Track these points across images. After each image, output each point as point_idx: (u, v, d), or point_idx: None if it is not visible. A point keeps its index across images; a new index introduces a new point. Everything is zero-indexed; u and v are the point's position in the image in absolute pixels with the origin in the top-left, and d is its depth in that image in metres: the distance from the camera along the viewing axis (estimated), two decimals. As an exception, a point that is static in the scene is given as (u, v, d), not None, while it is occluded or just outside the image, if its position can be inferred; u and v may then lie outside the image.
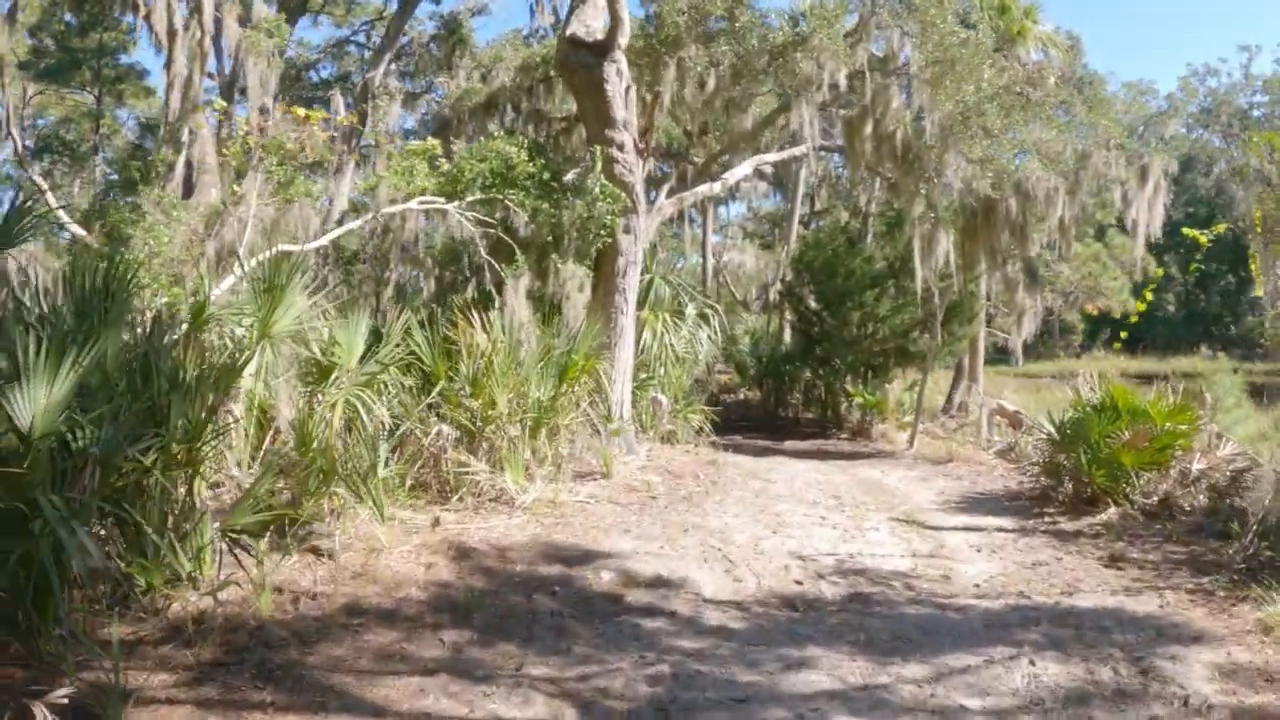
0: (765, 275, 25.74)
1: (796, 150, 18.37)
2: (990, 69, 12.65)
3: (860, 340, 17.64)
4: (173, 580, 5.31)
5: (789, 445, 16.57)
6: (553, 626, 5.11)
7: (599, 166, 9.88)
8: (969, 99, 12.05)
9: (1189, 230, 7.40)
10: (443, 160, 10.67)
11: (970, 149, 12.39)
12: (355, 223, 10.14)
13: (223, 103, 12.44)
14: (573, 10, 10.63)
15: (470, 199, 10.23)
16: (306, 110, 10.20)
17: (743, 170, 17.50)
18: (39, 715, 3.66)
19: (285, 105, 13.64)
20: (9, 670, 4.20)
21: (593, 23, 10.38)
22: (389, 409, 8.27)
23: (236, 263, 9.17)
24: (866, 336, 17.75)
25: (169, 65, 17.14)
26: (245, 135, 9.85)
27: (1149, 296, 7.89)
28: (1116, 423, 9.46)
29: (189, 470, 5.98)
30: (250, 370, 7.71)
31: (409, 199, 10.09)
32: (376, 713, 4.10)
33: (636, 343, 11.27)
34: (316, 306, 9.33)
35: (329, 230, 12.02)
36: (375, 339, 8.46)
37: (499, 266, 9.84)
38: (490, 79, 22.30)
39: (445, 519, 7.51)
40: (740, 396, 25.33)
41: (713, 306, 12.85)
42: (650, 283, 11.96)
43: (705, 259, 24.56)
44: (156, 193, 10.81)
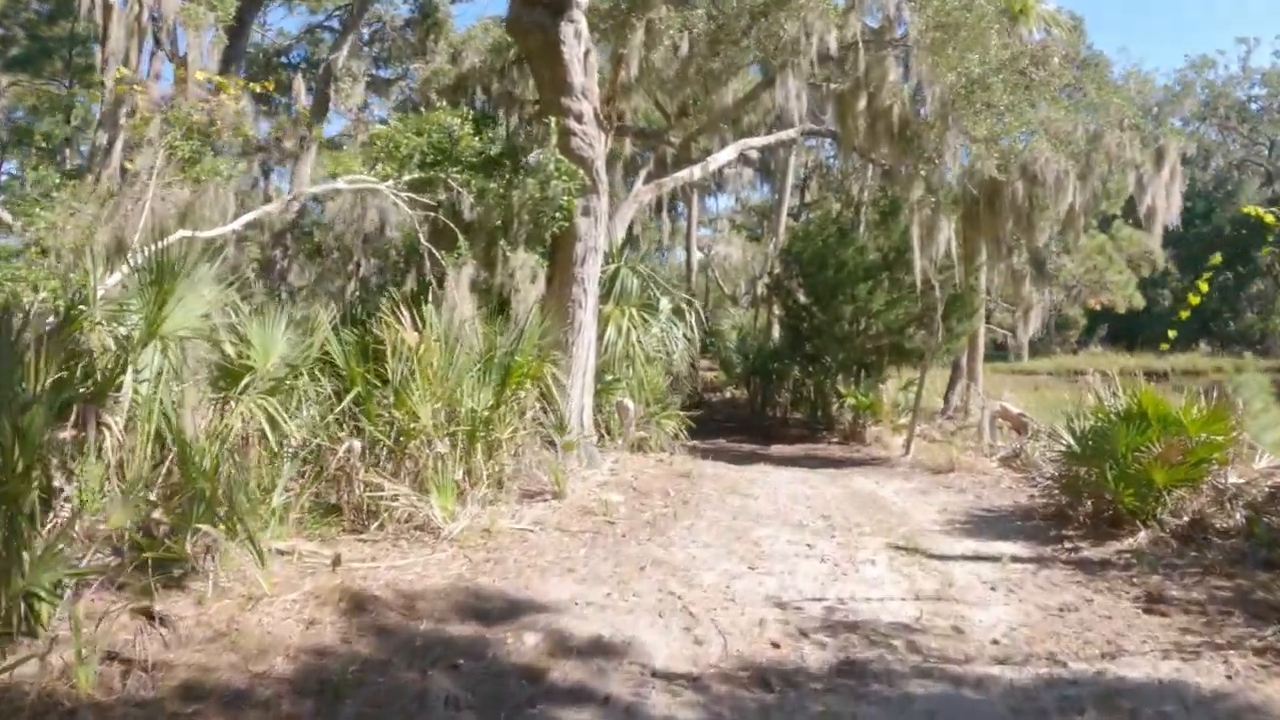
0: (753, 268, 24.53)
1: (784, 134, 17.19)
2: (997, 37, 11.46)
3: (852, 336, 16.43)
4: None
5: (775, 450, 15.37)
6: (447, 720, 3.87)
7: (554, 140, 8.63)
8: (973, 70, 10.83)
9: (1252, 209, 6.26)
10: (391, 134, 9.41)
11: (975, 126, 11.18)
12: (271, 207, 8.86)
13: (125, 70, 11.11)
14: (528, -37, 9.36)
15: (408, 177, 9.00)
16: (219, 79, 8.93)
17: (726, 155, 16.34)
18: None
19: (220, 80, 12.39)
20: None
21: (550, -23, 9.12)
22: (305, 421, 7.03)
23: (133, 252, 7.92)
24: (859, 333, 16.55)
25: (104, 42, 15.82)
26: (139, 105, 8.57)
27: (1203, 288, 6.61)
28: (1146, 434, 8.26)
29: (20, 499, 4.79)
30: (147, 375, 6.55)
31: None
32: None
33: (599, 340, 10.02)
34: (251, 302, 8.12)
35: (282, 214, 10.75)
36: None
37: (439, 255, 8.60)
38: (460, 60, 21.04)
39: (355, 554, 6.26)
40: (727, 395, 24.12)
41: (688, 300, 11.62)
42: (616, 274, 10.72)
43: (690, 251, 23.34)
44: (47, 174, 9.50)
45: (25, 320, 6.17)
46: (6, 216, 8.33)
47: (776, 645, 4.85)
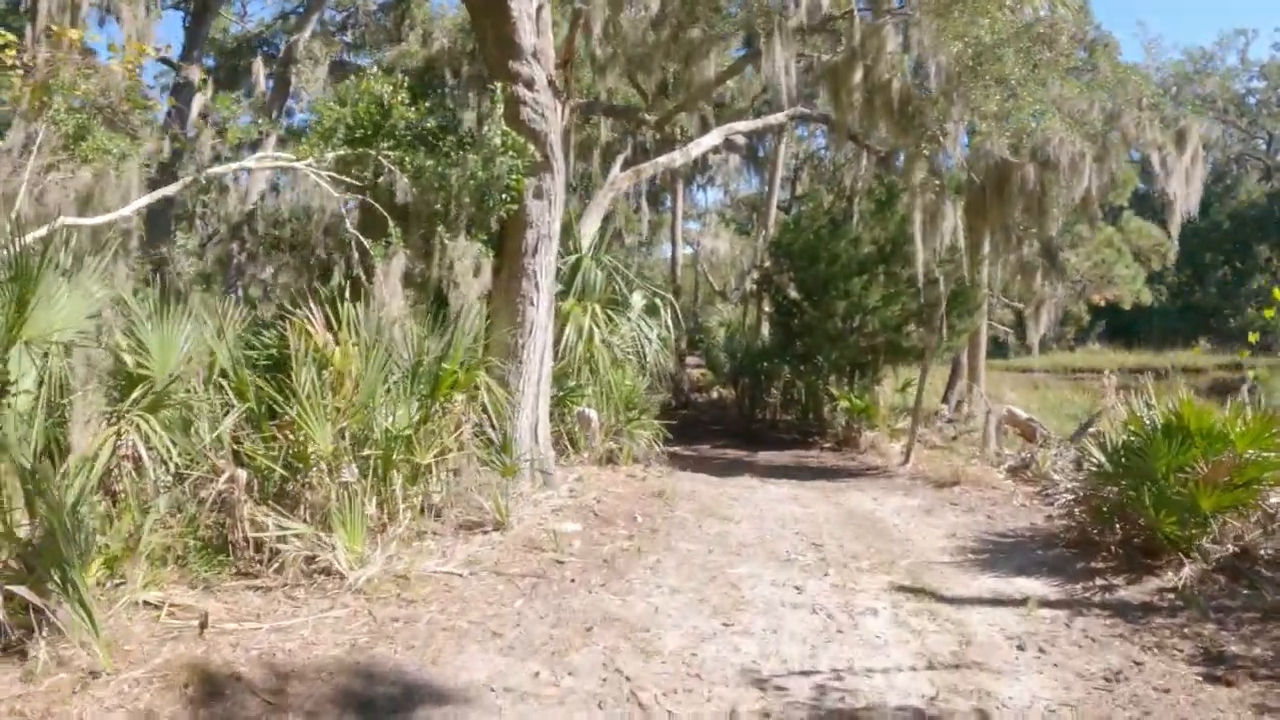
0: (741, 263, 23.35)
1: (772, 119, 16.00)
2: (1004, 12, 10.28)
3: (846, 334, 15.25)
4: None
5: (763, 458, 14.18)
6: None
7: (500, 110, 7.41)
8: (984, 37, 9.64)
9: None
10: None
11: (984, 101, 10.00)
12: (169, 189, 7.61)
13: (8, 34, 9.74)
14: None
15: (332, 154, 7.78)
16: (71, 32, 7.72)
17: (711, 140, 15.15)
18: None
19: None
20: None
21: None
22: (189, 445, 5.82)
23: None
24: (853, 330, 15.36)
25: (33, 17, 14.55)
26: (14, 69, 7.33)
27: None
28: (1188, 451, 7.10)
29: None
30: (28, 387, 5.46)
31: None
32: None
33: (557, 342, 8.80)
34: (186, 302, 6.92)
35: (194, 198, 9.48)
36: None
37: (367, 245, 7.38)
38: (429, 42, 19.80)
39: (238, 608, 5.08)
40: (715, 395, 22.94)
41: (663, 296, 10.40)
42: (577, 265, 9.48)
43: (675, 245, 22.12)
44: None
45: None
46: None
47: (751, 753, 3.66)
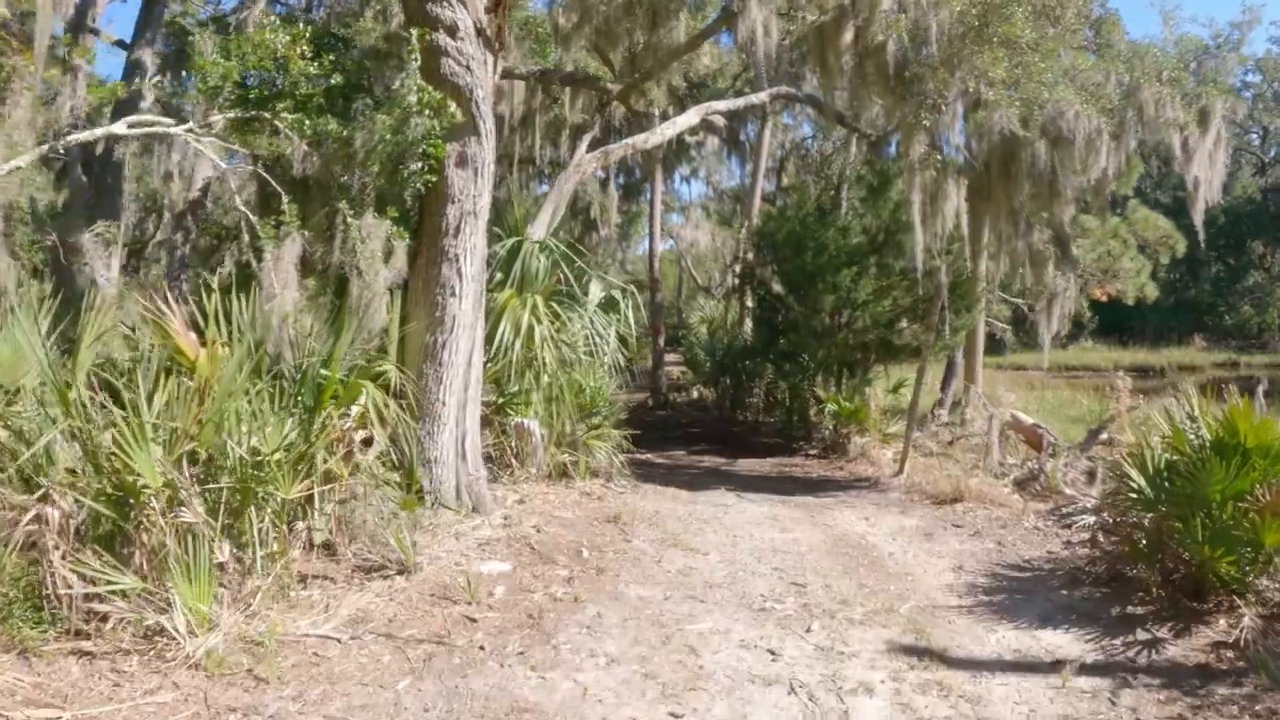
0: (724, 256, 22.10)
1: (753, 98, 14.73)
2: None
3: (833, 331, 14.02)
4: None
5: (743, 466, 12.94)
6: None
7: (416, 61, 6.12)
8: (991, -8, 8.42)
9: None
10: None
11: (993, 65, 8.76)
12: (21, 159, 6.27)
13: None
14: None
15: (219, 118, 6.49)
16: None
17: (687, 119, 13.86)
18: None
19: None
20: None
21: None
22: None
23: None
24: (841, 327, 14.13)
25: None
26: None
27: None
28: (1248, 475, 5.88)
29: None
30: None
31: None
32: None
33: (490, 340, 7.49)
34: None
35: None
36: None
37: (257, 224, 6.10)
38: (388, 17, 18.42)
39: (47, 684, 3.83)
40: (695, 395, 21.69)
41: (622, 287, 9.07)
42: (516, 250, 8.15)
43: (653, 237, 20.85)
44: None
45: None
46: None
47: None
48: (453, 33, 6.27)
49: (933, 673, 4.68)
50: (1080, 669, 4.90)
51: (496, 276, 7.85)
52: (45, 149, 6.24)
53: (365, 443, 5.98)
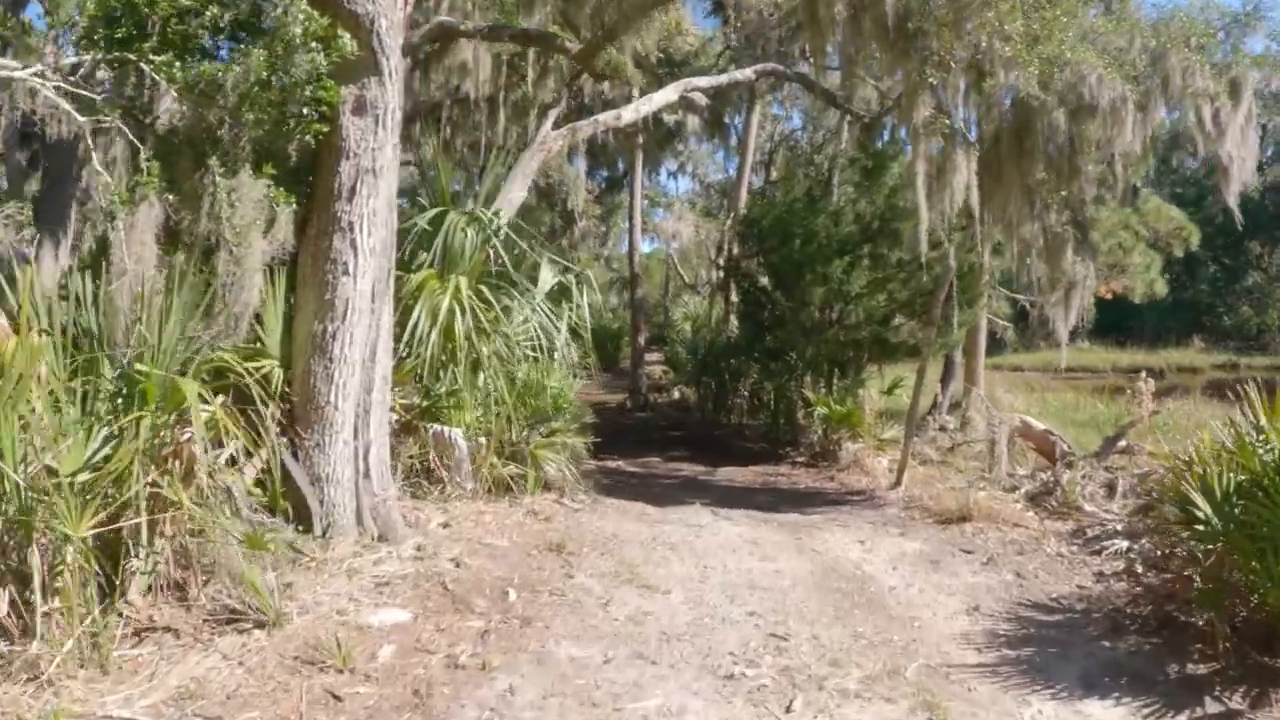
0: (709, 250, 20.89)
1: (738, 74, 13.56)
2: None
3: (823, 327, 12.80)
4: None
5: (724, 475, 11.69)
6: None
7: (303, -21, 4.85)
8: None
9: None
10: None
11: (1009, 16, 7.55)
12: None
13: None
14: None
15: (72, 60, 5.25)
16: None
17: (665, 96, 12.66)
18: None
19: None
20: None
21: None
22: None
23: None
24: (832, 323, 12.92)
25: None
26: None
27: None
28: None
29: None
30: None
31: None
32: None
33: (402, 331, 6.15)
34: None
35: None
36: None
37: (108, 186, 4.84)
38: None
39: None
40: (676, 396, 20.44)
41: (575, 271, 7.76)
42: (439, 221, 6.80)
43: (633, 228, 19.57)
44: None
45: None
46: None
47: None
48: (348, -54, 5.01)
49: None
50: (1150, 766, 3.67)
51: (420, 256, 6.56)
52: None
53: (232, 461, 4.72)
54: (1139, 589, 6.04)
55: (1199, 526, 5.11)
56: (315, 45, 4.85)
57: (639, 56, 15.90)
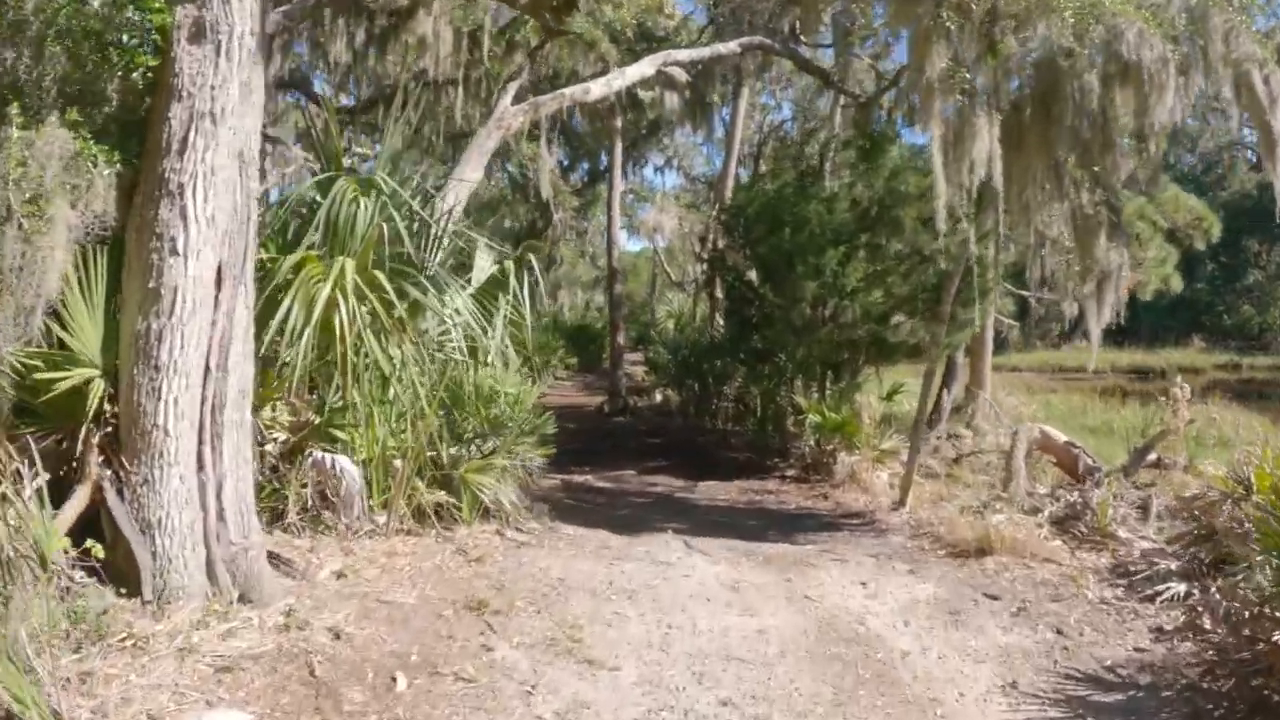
0: (692, 242, 19.63)
1: (721, 47, 12.32)
2: None
3: (815, 326, 11.51)
4: None
5: (704, 492, 10.40)
6: None
7: None
8: None
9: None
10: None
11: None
12: None
13: None
14: None
15: None
16: None
17: (640, 70, 11.46)
18: None
19: None
20: None
21: None
22: None
23: None
24: (825, 320, 11.64)
25: None
26: None
27: None
28: None
29: None
30: None
31: None
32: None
33: (264, 327, 4.75)
34: None
35: None
36: None
37: None
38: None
39: None
40: (658, 399, 19.12)
41: (515, 257, 6.38)
42: (325, 189, 5.44)
43: (611, 220, 18.26)
44: None
45: None
46: None
47: None
48: None
49: None
50: None
51: (315, 237, 5.21)
52: None
53: (42, 501, 3.43)
54: (1212, 654, 4.78)
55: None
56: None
57: (615, 32, 14.66)
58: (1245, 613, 4.65)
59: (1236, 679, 4.49)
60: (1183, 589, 5.83)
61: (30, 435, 3.93)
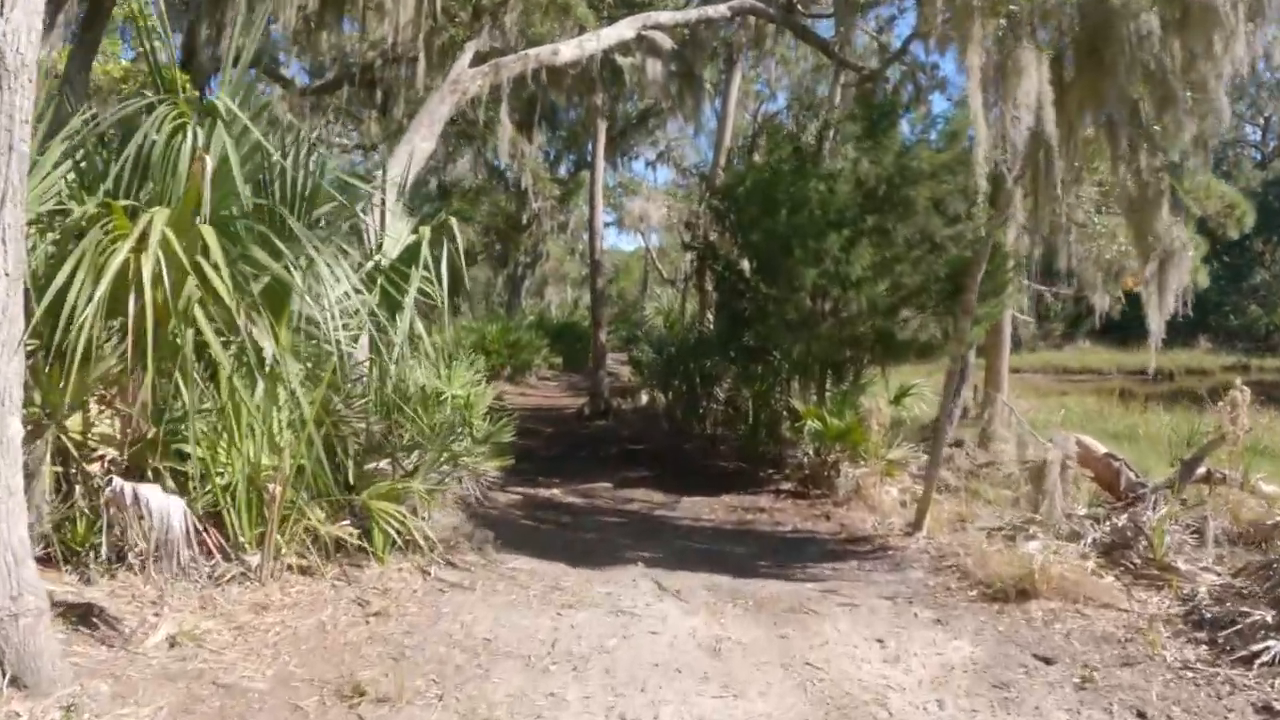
0: (680, 233, 18.33)
1: (709, 9, 11.07)
2: None
3: (815, 320, 10.18)
4: None
5: (687, 510, 9.07)
6: None
7: None
8: None
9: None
10: None
11: None
12: None
13: None
14: None
15: None
16: None
17: (617, 32, 10.33)
18: None
19: None
20: None
21: None
22: None
23: None
24: (825, 315, 10.32)
25: None
26: None
27: None
28: None
29: None
30: None
31: None
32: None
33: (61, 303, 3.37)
34: None
35: None
36: None
37: None
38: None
39: None
40: (644, 400, 17.78)
41: (436, 224, 5.04)
42: (133, 123, 4.03)
43: (593, 207, 16.93)
44: None
45: None
46: None
47: None
48: None
49: None
50: None
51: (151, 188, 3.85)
52: None
53: None
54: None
55: None
56: None
57: (592, -3, 13.35)
58: None
59: None
60: (1290, 650, 4.54)
61: None
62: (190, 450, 3.98)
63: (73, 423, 3.84)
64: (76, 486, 3.94)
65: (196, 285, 3.59)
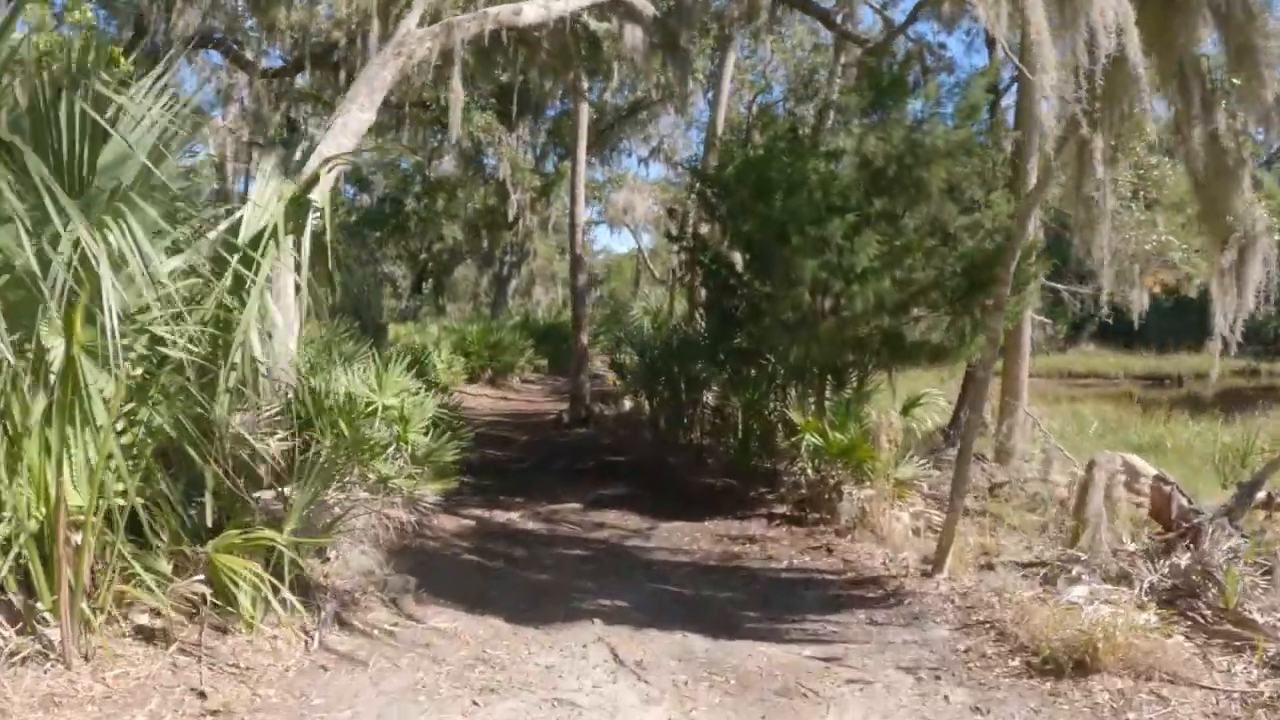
0: (666, 224, 17.11)
1: (701, -28, 9.77)
2: None
3: (814, 319, 8.93)
4: None
5: (665, 540, 7.80)
6: None
7: None
8: None
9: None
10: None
11: None
12: None
13: None
14: None
15: None
16: None
17: (592, -8, 8.98)
18: None
19: None
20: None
21: None
22: None
23: None
24: (825, 313, 9.07)
25: None
26: None
27: None
28: None
29: None
30: None
31: None
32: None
33: None
34: None
35: None
36: None
37: None
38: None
39: None
40: (627, 407, 16.55)
41: (307, 181, 3.85)
42: None
43: (574, 200, 15.71)
44: None
45: None
46: None
47: None
48: None
49: None
50: None
51: None
52: None
53: None
54: None
55: None
56: None
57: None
58: None
59: None
60: None
61: None
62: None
63: None
64: None
65: None
